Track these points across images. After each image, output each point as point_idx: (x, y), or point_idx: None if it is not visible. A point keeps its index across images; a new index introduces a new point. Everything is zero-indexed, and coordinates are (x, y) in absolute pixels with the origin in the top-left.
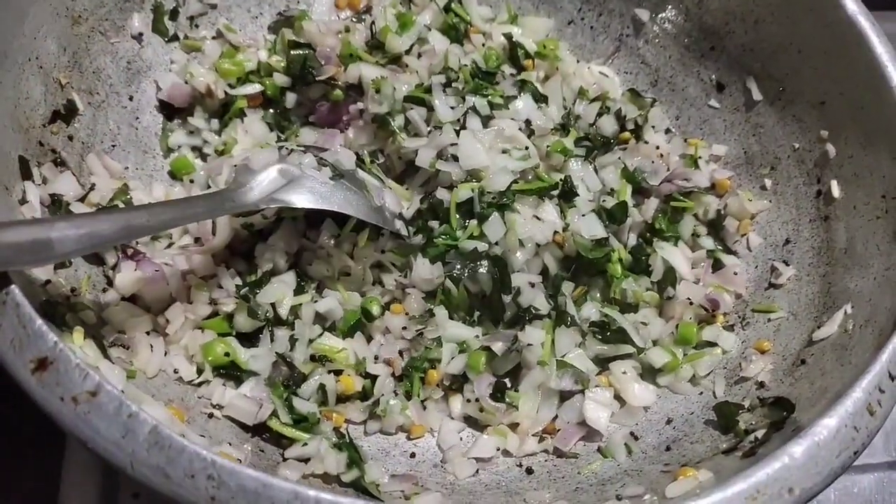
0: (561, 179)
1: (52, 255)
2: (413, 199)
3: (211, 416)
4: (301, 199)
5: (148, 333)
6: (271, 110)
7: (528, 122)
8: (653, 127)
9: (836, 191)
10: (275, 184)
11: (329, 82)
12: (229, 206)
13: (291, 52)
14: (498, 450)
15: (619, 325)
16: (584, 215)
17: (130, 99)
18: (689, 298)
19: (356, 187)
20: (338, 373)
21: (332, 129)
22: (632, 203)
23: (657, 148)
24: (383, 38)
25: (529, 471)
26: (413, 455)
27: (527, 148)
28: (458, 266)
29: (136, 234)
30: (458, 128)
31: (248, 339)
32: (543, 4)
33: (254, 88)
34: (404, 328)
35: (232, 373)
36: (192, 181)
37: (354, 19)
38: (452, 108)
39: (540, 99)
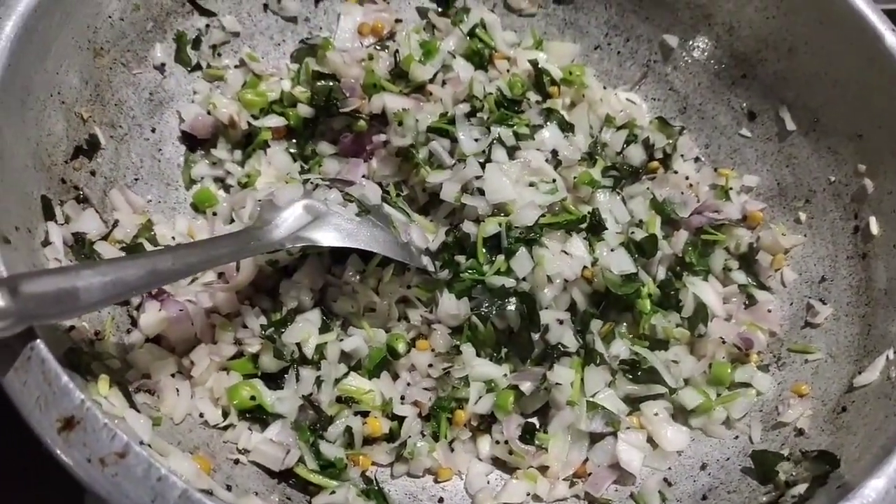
0: (589, 212)
1: (78, 307)
2: (438, 232)
3: (237, 462)
4: (327, 237)
5: (173, 376)
6: (294, 140)
7: (554, 153)
8: (682, 156)
9: (874, 228)
10: (300, 221)
11: (353, 114)
12: (255, 246)
13: (316, 83)
14: (528, 495)
15: (650, 364)
16: (613, 250)
17: (153, 131)
18: (721, 337)
19: (382, 223)
20: (364, 414)
21: (356, 158)
22: (661, 235)
23: (686, 178)
24: (407, 67)
25: None
26: (441, 500)
27: (554, 181)
28: (486, 303)
29: (162, 279)
30: (482, 160)
31: (274, 380)
32: (569, 29)
33: (278, 121)
34: (430, 365)
35: (258, 416)
36: (214, 214)
37: (378, 47)
38: (477, 139)
39: (566, 128)
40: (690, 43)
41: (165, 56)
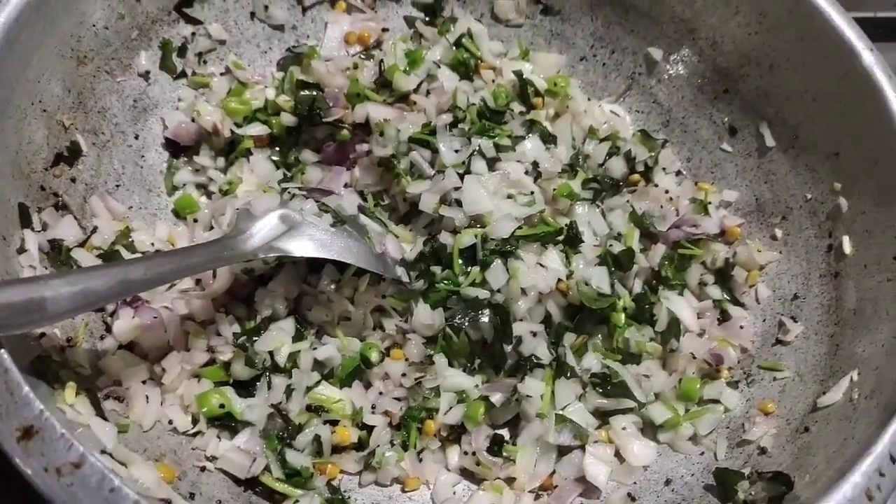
0: (566, 225)
1: (45, 317)
2: (417, 242)
3: (203, 469)
4: (300, 248)
5: (144, 382)
6: (278, 148)
7: (535, 164)
8: (663, 169)
9: (847, 247)
10: (275, 231)
11: (336, 123)
12: (228, 255)
13: (300, 92)
14: None
15: (621, 378)
16: (595, 266)
17: (136, 137)
18: (692, 352)
19: (357, 233)
20: (334, 423)
21: (339, 167)
22: (639, 248)
23: (666, 192)
24: (391, 77)
25: None
26: None
27: (532, 193)
28: (460, 314)
29: (132, 289)
30: (462, 171)
31: (246, 387)
32: (555, 40)
33: (261, 129)
34: (403, 375)
35: (227, 423)
36: (195, 220)
37: (363, 56)
38: (457, 150)
39: (548, 139)
40: (674, 56)
41: (150, 64)
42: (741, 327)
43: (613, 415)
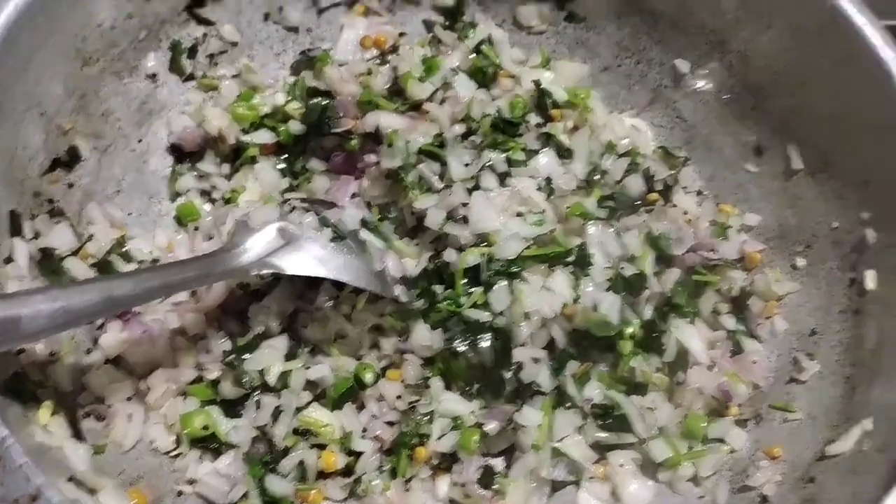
0: (576, 246)
1: (19, 336)
2: (422, 257)
3: (180, 493)
4: (295, 265)
5: (129, 399)
6: (285, 155)
7: (548, 180)
8: (683, 187)
9: (870, 282)
10: (272, 245)
11: (345, 134)
12: (221, 272)
13: (310, 99)
14: None
15: (623, 411)
16: (604, 291)
17: (139, 142)
18: (699, 387)
19: (358, 249)
20: (321, 447)
21: (347, 176)
22: (653, 271)
23: (685, 213)
24: (405, 85)
25: None
26: None
27: (543, 211)
28: (459, 337)
29: (119, 306)
30: (472, 185)
31: (234, 405)
32: (579, 48)
33: (267, 137)
34: (399, 397)
35: (210, 446)
36: (196, 228)
37: (378, 61)
38: (467, 164)
39: (564, 154)
40: (702, 70)
41: (159, 65)
42: (754, 362)
43: (612, 449)
